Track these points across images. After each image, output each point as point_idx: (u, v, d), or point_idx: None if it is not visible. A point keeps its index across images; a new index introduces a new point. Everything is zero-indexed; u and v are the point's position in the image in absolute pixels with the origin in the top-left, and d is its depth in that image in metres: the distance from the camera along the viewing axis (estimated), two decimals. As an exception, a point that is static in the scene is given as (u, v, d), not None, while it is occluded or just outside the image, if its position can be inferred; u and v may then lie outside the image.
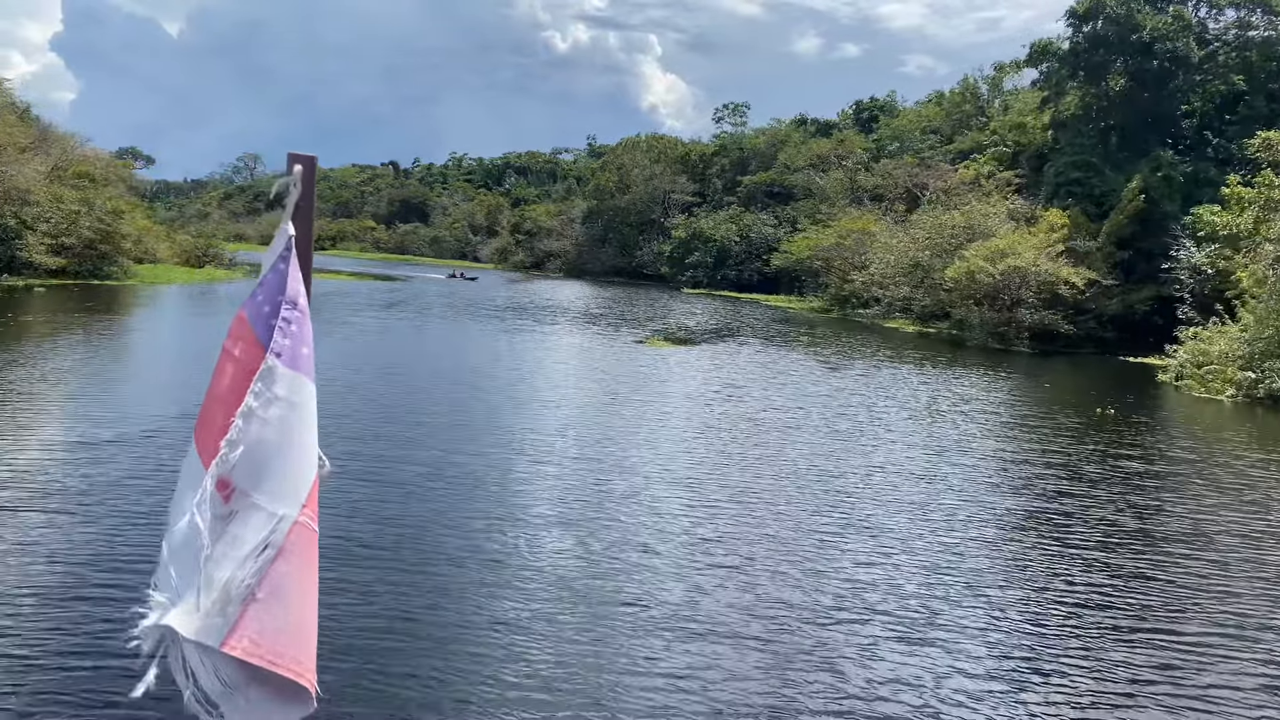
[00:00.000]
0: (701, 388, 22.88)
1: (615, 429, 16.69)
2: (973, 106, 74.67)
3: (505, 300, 54.06)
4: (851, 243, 54.40)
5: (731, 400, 21.04)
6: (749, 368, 27.49)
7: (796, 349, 34.07)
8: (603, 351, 29.80)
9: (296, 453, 2.12)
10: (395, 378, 21.57)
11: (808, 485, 13.31)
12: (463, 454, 13.77)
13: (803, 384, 24.45)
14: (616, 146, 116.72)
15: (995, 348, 38.90)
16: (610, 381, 23.01)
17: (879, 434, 17.69)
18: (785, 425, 18.10)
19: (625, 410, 18.84)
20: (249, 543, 2.00)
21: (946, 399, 23.46)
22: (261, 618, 1.97)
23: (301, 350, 2.18)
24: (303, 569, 2.07)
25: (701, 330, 40.55)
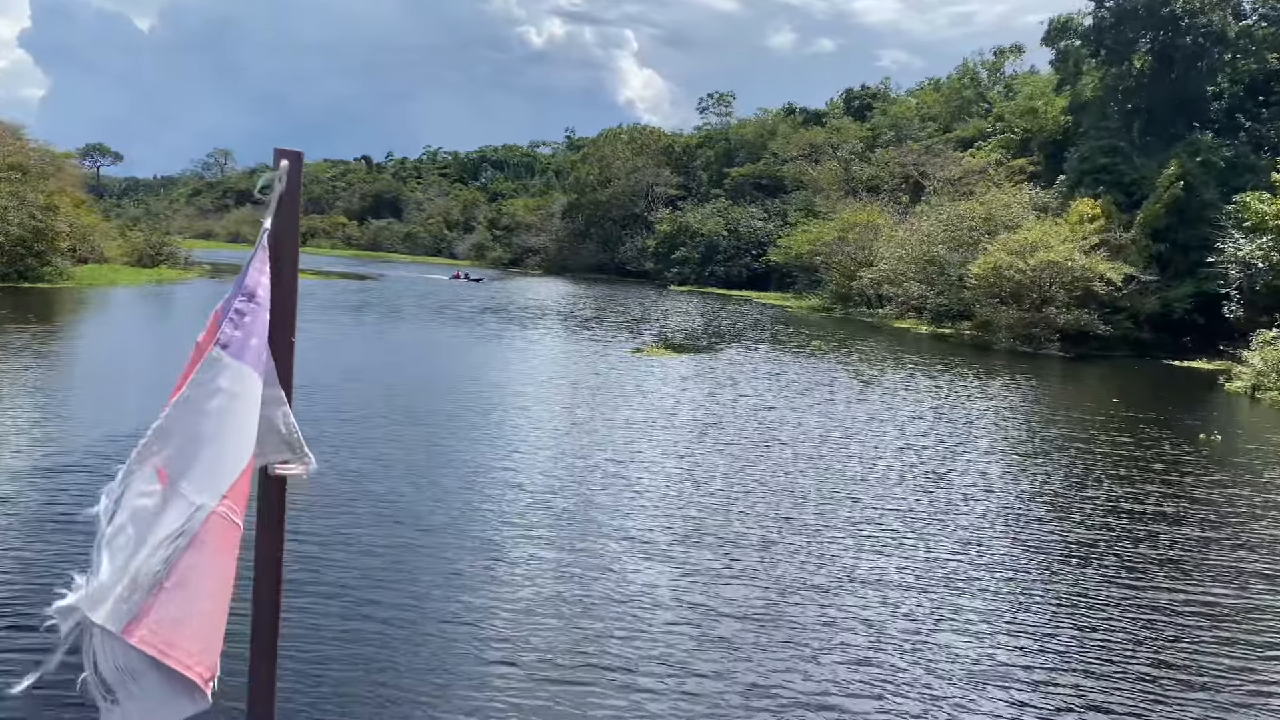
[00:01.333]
0: (724, 410, 19.00)
1: (631, 479, 12.78)
2: (973, 92, 71.15)
3: (483, 301, 49.97)
4: (856, 237, 50.63)
5: (770, 429, 17.16)
6: (770, 381, 23.64)
7: (813, 356, 30.27)
8: (597, 363, 25.88)
9: (230, 444, 2.07)
10: (341, 412, 17.57)
11: (924, 560, 9.47)
12: (433, 523, 9.84)
13: (841, 403, 20.62)
14: (597, 138, 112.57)
15: (1024, 351, 35.27)
16: (612, 404, 19.10)
17: (966, 475, 13.89)
18: (845, 464, 14.26)
19: (639, 448, 14.94)
20: (164, 530, 1.95)
21: (1020, 423, 19.74)
22: (165, 607, 1.93)
23: (250, 342, 2.12)
24: (216, 561, 2.01)
25: (701, 334, 36.68)
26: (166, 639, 1.92)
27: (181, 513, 1.98)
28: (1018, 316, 35.72)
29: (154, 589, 1.92)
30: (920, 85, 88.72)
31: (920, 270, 42.91)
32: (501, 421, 16.57)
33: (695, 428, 17.03)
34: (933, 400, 21.81)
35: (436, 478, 12.23)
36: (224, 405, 2.06)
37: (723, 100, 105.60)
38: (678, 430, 16.62)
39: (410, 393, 19.15)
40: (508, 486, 11.92)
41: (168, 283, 47.15)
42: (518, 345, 29.56)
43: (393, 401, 17.66)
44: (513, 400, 19.00)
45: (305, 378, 17.25)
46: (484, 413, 17.47)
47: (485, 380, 21.65)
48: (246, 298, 2.17)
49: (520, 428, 16.01)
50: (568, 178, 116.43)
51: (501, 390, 20.29)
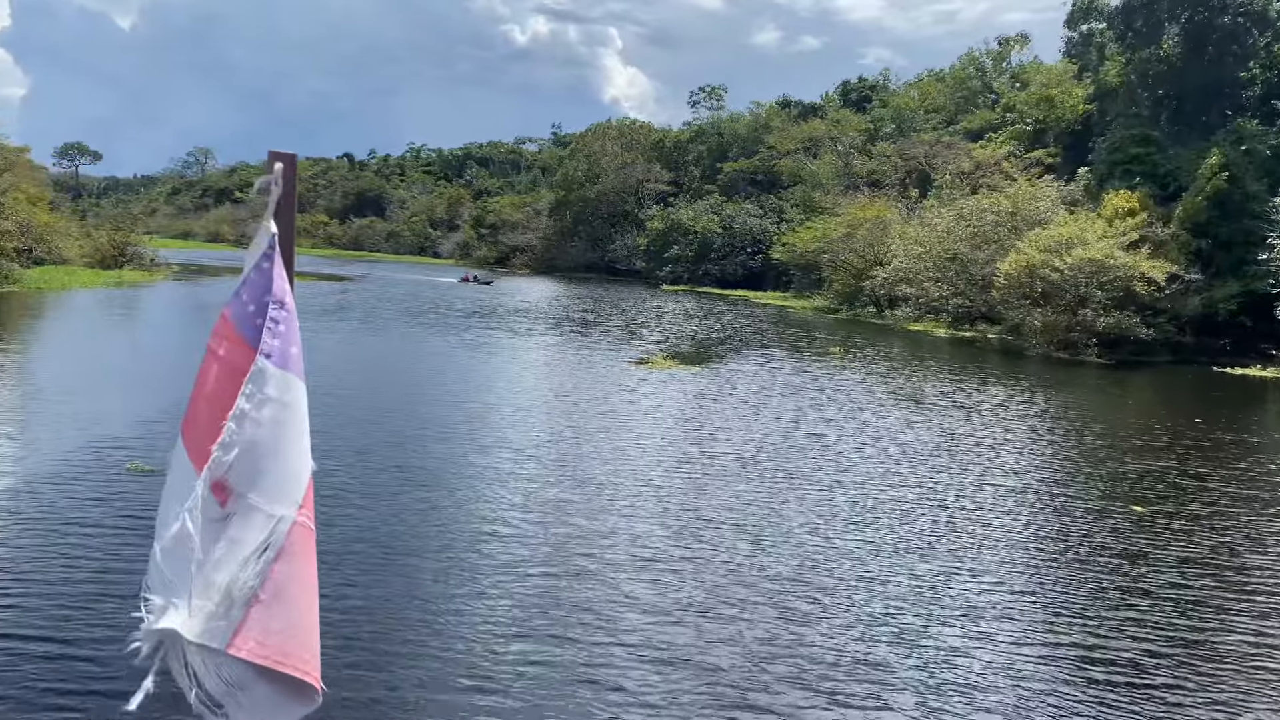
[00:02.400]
0: (765, 442, 15.86)
1: (671, 544, 9.67)
2: (979, 83, 68.27)
3: (469, 303, 46.72)
4: (865, 233, 47.58)
5: (828, 465, 14.06)
6: (802, 399, 20.56)
7: (839, 366, 27.22)
8: (600, 378, 22.73)
9: (291, 452, 2.08)
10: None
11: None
12: (406, 612, 6.75)
13: (896, 427, 17.52)
14: (585, 133, 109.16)
15: (1059, 357, 32.31)
16: (625, 434, 16.00)
17: (1089, 528, 10.84)
18: (936, 517, 11.19)
19: (671, 496, 11.83)
20: (249, 545, 1.96)
21: (1112, 451, 16.71)
22: (266, 619, 1.95)
23: (291, 350, 2.13)
24: (303, 568, 2.05)
25: (707, 340, 33.58)
26: (279, 649, 1.96)
27: (263, 526, 1.99)
28: (1052, 320, 32.74)
29: (249, 602, 1.94)
30: (918, 78, 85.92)
31: (939, 269, 39.90)
32: (496, 460, 13.42)
33: (736, 464, 13.94)
34: (995, 422, 18.77)
35: (422, 539, 9.10)
36: (277, 415, 2.06)
37: (714, 94, 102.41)
38: (717, 470, 13.53)
39: (387, 418, 15.97)
40: (514, 564, 8.78)
41: (128, 286, 43.74)
42: (509, 356, 26.40)
43: (367, 434, 14.45)
44: (508, 428, 15.86)
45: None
46: (476, 445, 14.32)
47: (475, 401, 18.49)
48: (278, 305, 2.14)
49: (521, 468, 12.87)
50: (555, 174, 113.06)
51: (494, 415, 17.14)
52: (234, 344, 2.13)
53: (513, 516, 10.58)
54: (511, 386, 20.87)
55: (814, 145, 72.84)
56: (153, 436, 13.12)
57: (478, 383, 21.43)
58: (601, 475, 12.87)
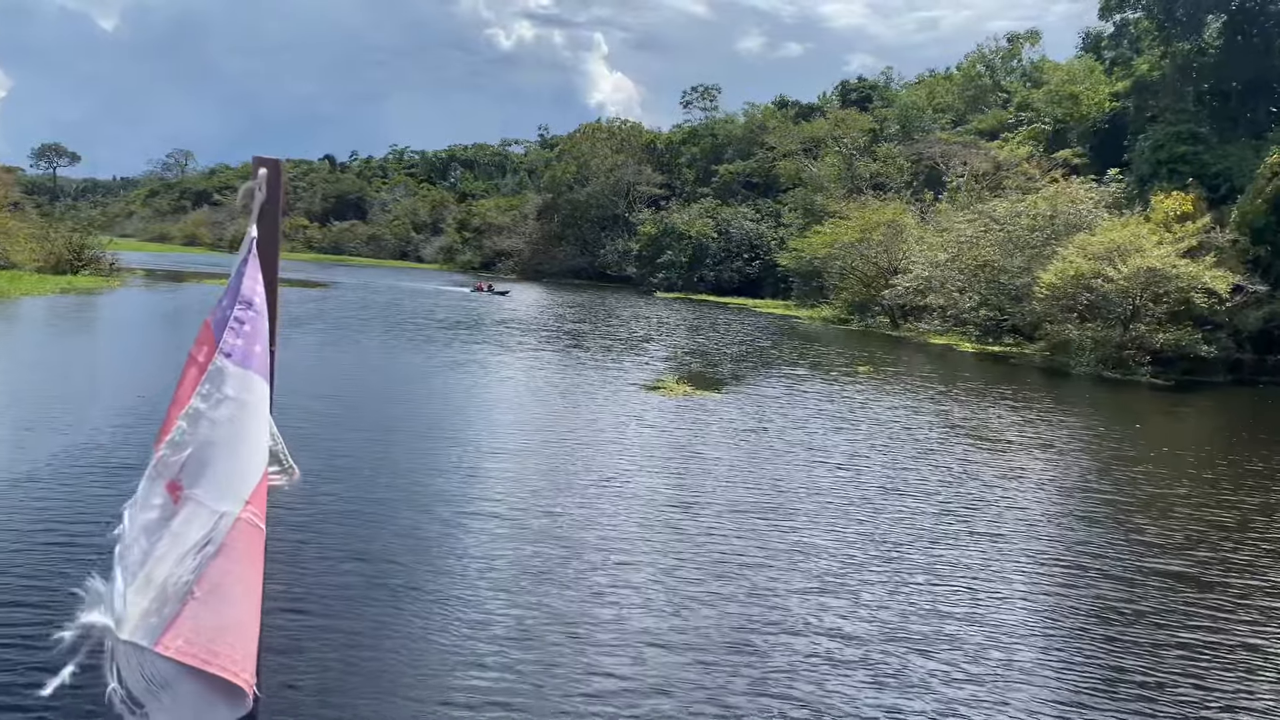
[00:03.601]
0: (819, 492, 12.37)
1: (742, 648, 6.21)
2: (990, 81, 65.15)
3: (452, 311, 43.04)
4: (879, 238, 44.18)
5: (903, 523, 10.57)
6: (852, 434, 17.07)
7: (875, 388, 23.78)
8: (607, 408, 19.16)
9: (244, 450, 2.06)
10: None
11: None
12: None
13: (980, 473, 14.03)
14: (574, 133, 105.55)
15: (1110, 377, 29.01)
16: (649, 488, 12.50)
17: None
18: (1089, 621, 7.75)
19: (726, 575, 8.32)
20: (189, 540, 1.93)
21: (1236, 491, 13.29)
22: (199, 616, 1.91)
23: (254, 348, 2.13)
24: (245, 566, 2.01)
25: (718, 356, 30.08)
26: (207, 648, 1.89)
27: (205, 522, 1.95)
28: (1104, 335, 29.40)
29: (184, 599, 1.89)
30: (919, 78, 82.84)
31: (968, 278, 36.53)
32: (497, 525, 9.86)
33: (793, 524, 10.46)
34: (1075, 460, 15.33)
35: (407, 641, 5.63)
36: (234, 413, 2.04)
37: (708, 94, 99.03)
38: (771, 533, 10.02)
39: (347, 467, 12.34)
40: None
41: (79, 292, 39.82)
42: (500, 378, 22.81)
43: (323, 480, 10.82)
44: (508, 480, 12.30)
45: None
46: (463, 506, 10.75)
47: (460, 442, 14.89)
48: (245, 305, 2.14)
49: (529, 539, 9.33)
50: (542, 177, 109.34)
51: (485, 462, 13.56)
52: (210, 348, 2.11)
53: (515, 608, 7.04)
54: (504, 421, 17.29)
55: (815, 146, 69.50)
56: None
57: (462, 415, 17.84)
58: (632, 547, 9.36)
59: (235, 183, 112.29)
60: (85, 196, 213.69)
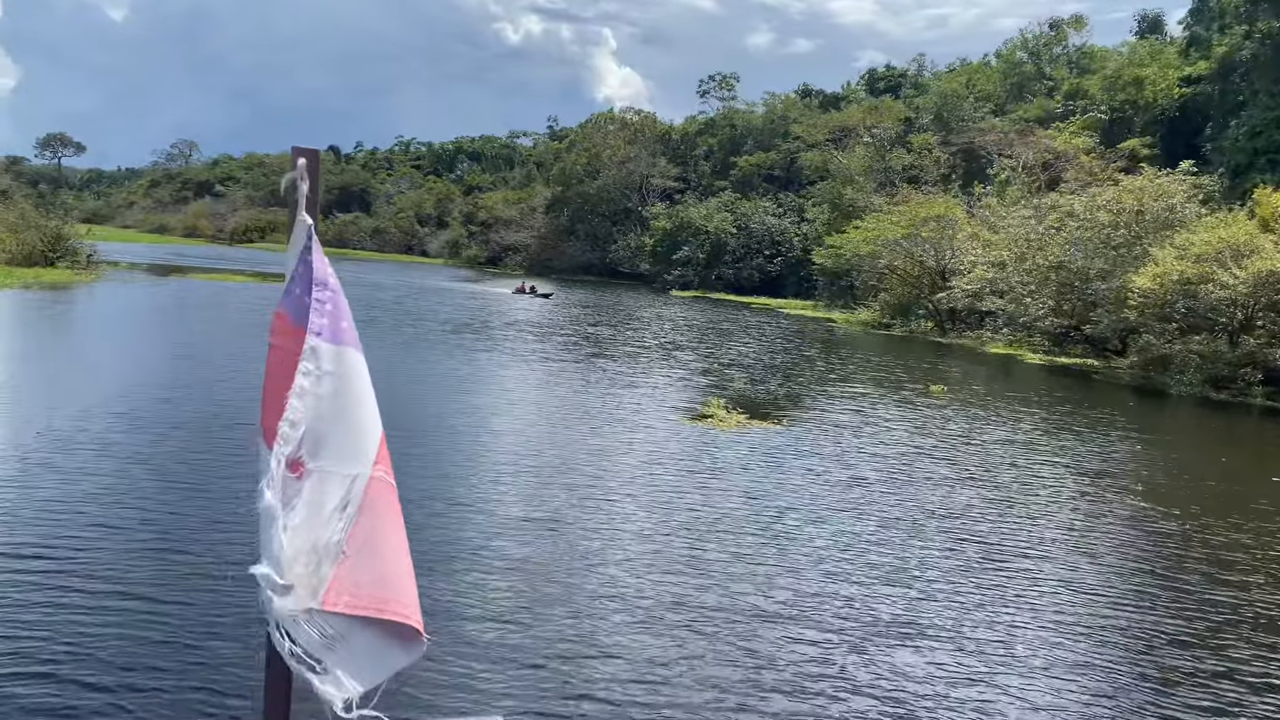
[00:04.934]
0: (942, 564, 8.38)
1: None
2: (1033, 68, 60.86)
3: (456, 311, 39.05)
4: (930, 235, 40.02)
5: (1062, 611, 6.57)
6: (951, 480, 13.03)
7: (963, 415, 19.72)
8: (649, 444, 15.10)
9: (356, 417, 2.13)
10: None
11: None
12: None
13: (1106, 531, 9.99)
14: (585, 124, 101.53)
15: (1217, 399, 24.92)
16: (724, 571, 8.54)
17: None
18: None
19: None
20: (329, 505, 2.00)
21: None
22: (356, 572, 1.97)
23: (341, 324, 2.20)
24: (387, 520, 2.09)
25: (762, 370, 26.04)
26: (374, 596, 1.96)
27: (340, 486, 2.01)
28: (1211, 350, 25.28)
29: (337, 559, 1.95)
30: (950, 68, 78.55)
31: (1038, 281, 32.37)
32: (521, 635, 5.90)
33: (920, 608, 6.48)
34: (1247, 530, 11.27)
35: None
36: (336, 386, 2.10)
37: (725, 84, 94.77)
38: (893, 625, 6.04)
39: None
40: None
41: (43, 288, 35.85)
42: (511, 400, 18.78)
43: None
44: (528, 560, 8.32)
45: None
46: (483, 608, 6.79)
47: (470, 507, 10.84)
48: (321, 287, 2.20)
49: (566, 650, 5.39)
50: (551, 169, 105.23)
51: (508, 525, 9.54)
52: (293, 334, 2.17)
53: None
54: (524, 462, 13.25)
55: (845, 137, 65.30)
56: None
57: (471, 446, 13.81)
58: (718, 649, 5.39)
59: (238, 173, 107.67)
60: (90, 187, 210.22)
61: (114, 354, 21.53)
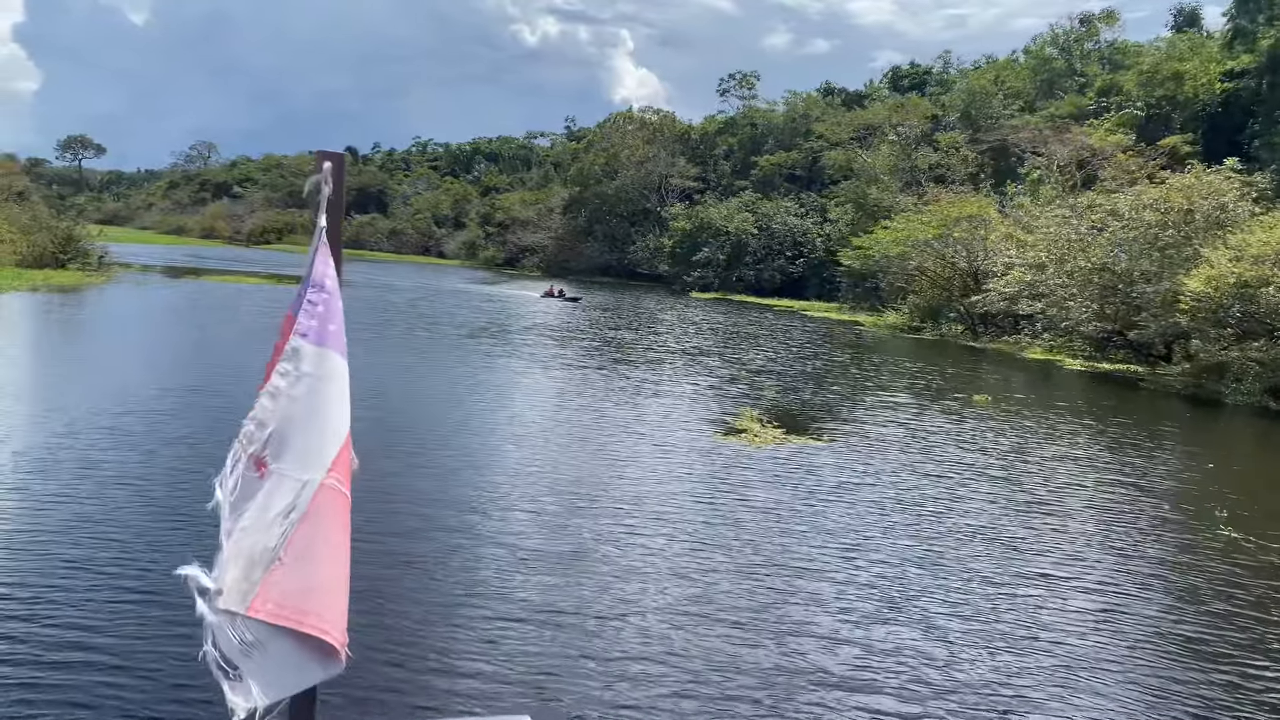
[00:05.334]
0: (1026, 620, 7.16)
1: None
2: (1064, 65, 59.26)
3: (472, 313, 37.99)
4: (962, 235, 38.61)
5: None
6: (1016, 509, 11.79)
7: (1014, 428, 18.41)
8: (685, 466, 13.92)
9: (324, 421, 2.08)
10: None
11: None
12: None
13: (1196, 571, 8.76)
14: (603, 123, 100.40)
15: (1276, 408, 23.48)
16: (777, 613, 7.36)
17: None
18: None
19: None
20: (275, 509, 1.96)
21: None
22: (286, 580, 1.92)
23: (329, 327, 2.17)
24: (331, 530, 2.03)
25: (794, 378, 24.79)
26: (297, 608, 1.91)
27: (290, 490, 1.96)
28: (1272, 357, 23.82)
29: (271, 565, 1.91)
30: (975, 65, 76.98)
31: (1080, 284, 30.94)
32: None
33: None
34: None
35: None
36: (312, 388, 2.07)
37: (746, 82, 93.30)
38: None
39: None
40: None
41: (50, 290, 35.00)
42: (529, 410, 17.60)
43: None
44: (547, 607, 7.17)
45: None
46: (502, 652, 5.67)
47: (476, 529, 9.68)
48: (316, 288, 2.17)
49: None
50: (568, 170, 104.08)
51: (520, 564, 8.38)
52: (286, 337, 2.15)
53: None
54: (543, 483, 12.07)
55: (869, 135, 63.86)
56: None
57: (485, 474, 12.64)
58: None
59: (256, 175, 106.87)
60: (110, 188, 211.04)
61: (109, 361, 20.52)
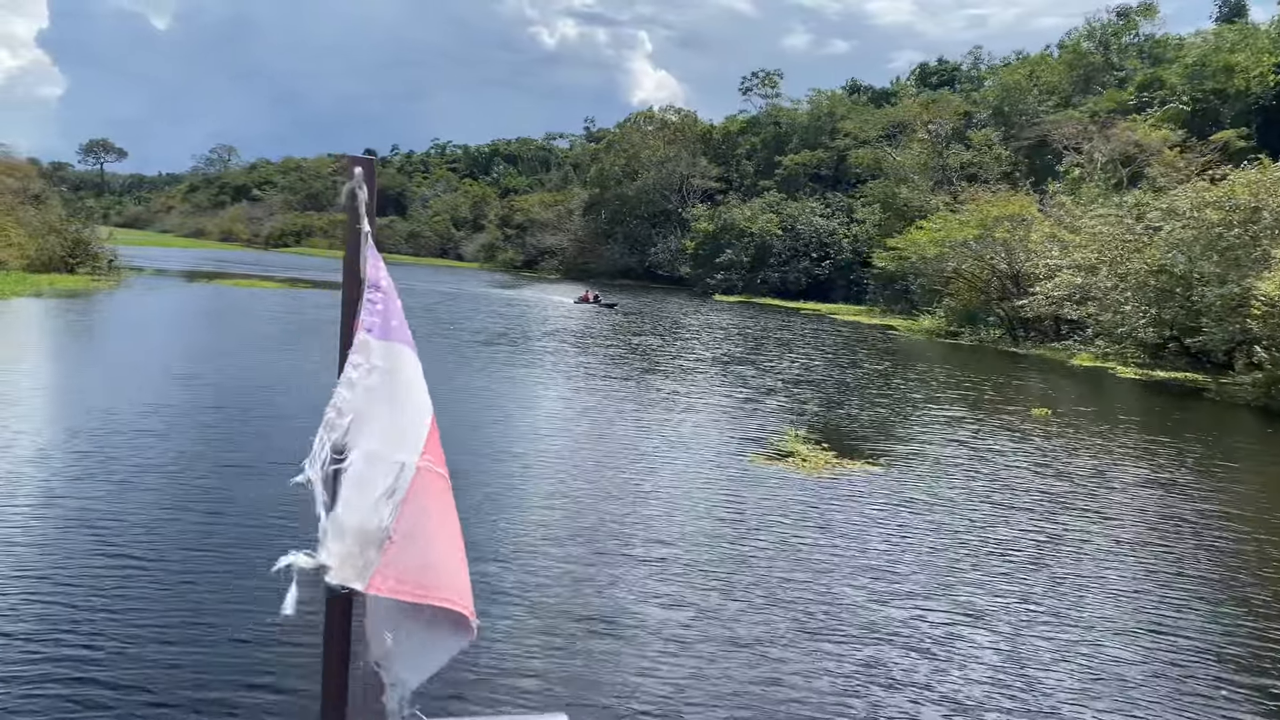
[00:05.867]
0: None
1: None
2: (1102, 59, 57.23)
3: (489, 319, 36.52)
4: (1005, 235, 36.77)
5: None
6: (1145, 553, 10.13)
7: (1083, 442, 16.70)
8: (729, 497, 12.31)
9: (405, 407, 2.12)
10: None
11: None
12: None
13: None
14: (623, 124, 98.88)
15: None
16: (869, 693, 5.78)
17: None
18: None
19: None
20: (377, 490, 1.96)
21: None
22: (402, 557, 1.94)
23: (391, 322, 2.22)
24: (437, 510, 2.05)
25: (838, 389, 23.14)
26: (418, 582, 1.92)
27: (387, 472, 1.98)
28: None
29: (383, 545, 1.92)
30: (1004, 62, 74.92)
31: (1135, 287, 29.09)
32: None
33: None
34: None
35: None
36: (383, 380, 2.11)
37: (769, 80, 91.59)
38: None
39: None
40: None
41: (55, 296, 33.78)
42: (551, 428, 16.02)
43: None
44: (576, 680, 5.63)
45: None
46: None
47: (492, 581, 8.13)
48: (374, 288, 2.23)
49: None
50: (588, 171, 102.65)
51: (540, 637, 6.83)
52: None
53: None
54: (568, 519, 10.51)
55: (899, 133, 62.02)
56: None
57: (500, 504, 11.08)
58: None
59: (275, 177, 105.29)
60: (131, 192, 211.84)
61: (100, 372, 19.12)
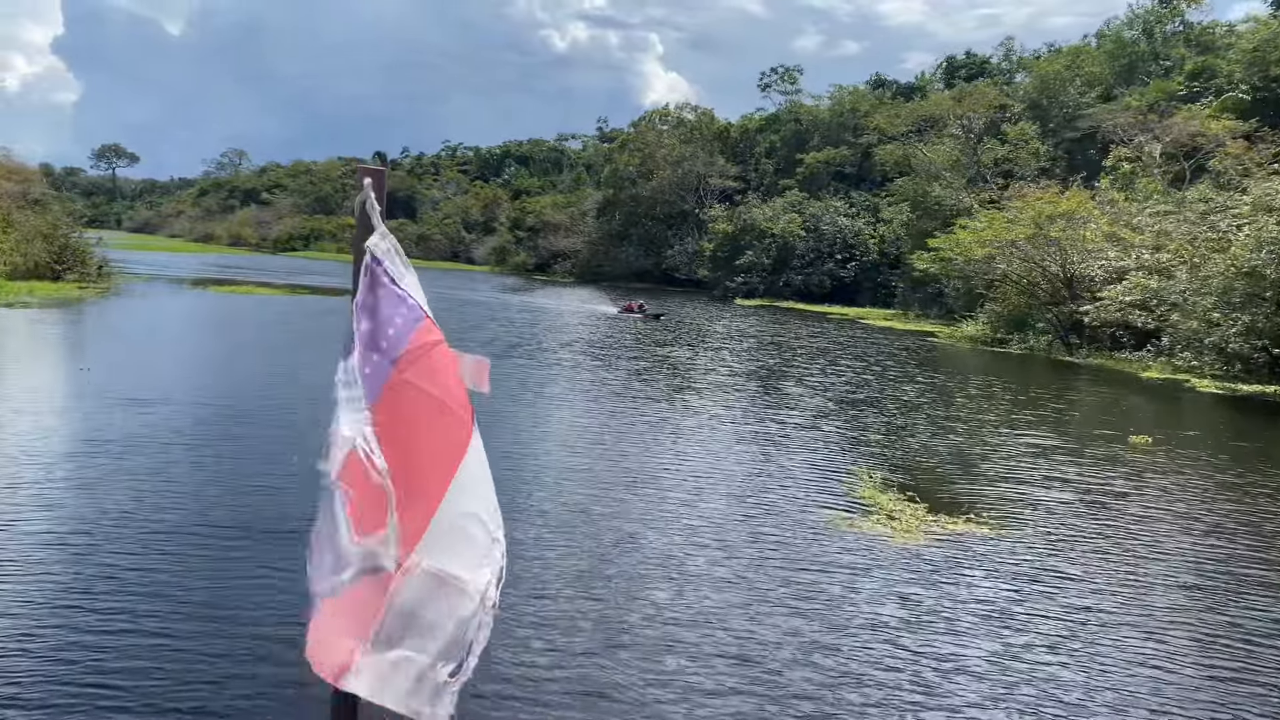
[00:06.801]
0: None
1: None
2: (1147, 48, 54.14)
3: (501, 327, 33.82)
4: (1058, 234, 33.78)
5: None
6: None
7: (1217, 481, 13.85)
8: (807, 595, 9.52)
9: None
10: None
11: None
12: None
13: None
14: (637, 122, 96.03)
15: None
16: None
17: None
18: None
19: None
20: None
21: None
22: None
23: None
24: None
25: (904, 412, 20.26)
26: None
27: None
28: None
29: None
30: (1036, 54, 71.90)
31: (1222, 291, 26.17)
32: None
33: None
34: None
35: None
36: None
37: (788, 76, 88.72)
38: None
39: None
40: None
41: (36, 305, 31.17)
42: (578, 467, 13.21)
43: None
44: None
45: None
46: None
47: (502, 670, 5.39)
48: (372, 348, 2.30)
49: None
50: (601, 172, 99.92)
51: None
52: (436, 330, 2.41)
53: None
54: (592, 623, 7.72)
55: (929, 128, 59.08)
56: None
57: (519, 578, 8.29)
58: None
59: (285, 181, 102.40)
60: (143, 197, 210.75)
61: (36, 399, 16.40)
